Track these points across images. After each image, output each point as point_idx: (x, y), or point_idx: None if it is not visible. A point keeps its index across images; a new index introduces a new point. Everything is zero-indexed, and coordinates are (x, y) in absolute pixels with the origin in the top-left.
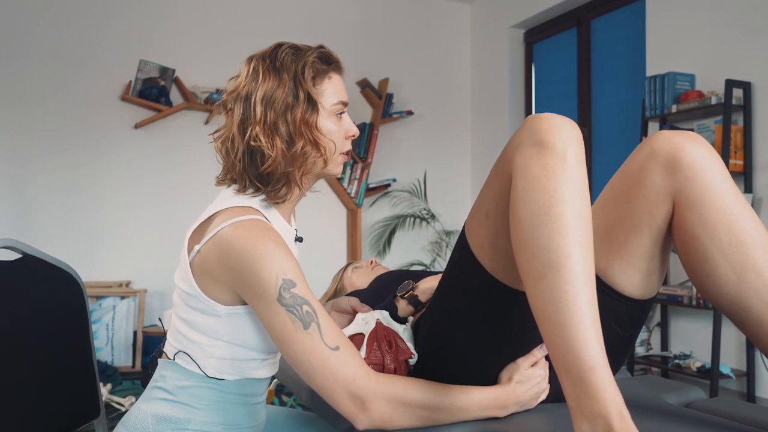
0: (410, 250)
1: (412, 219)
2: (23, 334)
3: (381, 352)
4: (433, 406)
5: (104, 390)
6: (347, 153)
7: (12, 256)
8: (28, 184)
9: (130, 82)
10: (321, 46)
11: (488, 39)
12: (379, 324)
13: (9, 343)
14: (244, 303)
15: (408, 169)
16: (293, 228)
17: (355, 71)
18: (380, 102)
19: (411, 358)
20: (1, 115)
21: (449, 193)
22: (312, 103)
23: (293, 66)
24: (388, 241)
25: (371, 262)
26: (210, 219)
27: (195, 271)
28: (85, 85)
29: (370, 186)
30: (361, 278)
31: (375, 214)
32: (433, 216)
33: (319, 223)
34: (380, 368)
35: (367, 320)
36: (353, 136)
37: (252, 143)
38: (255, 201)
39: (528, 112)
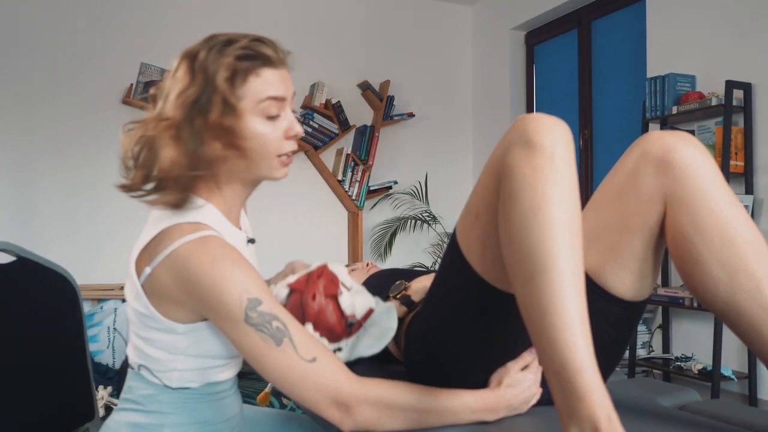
0: (412, 252)
1: (414, 221)
2: (17, 336)
3: (307, 283)
4: (420, 408)
5: (105, 392)
6: (289, 155)
7: (6, 258)
8: (30, 186)
9: (132, 85)
10: (254, 38)
11: (489, 41)
12: (323, 267)
13: (3, 345)
14: (205, 318)
15: (409, 171)
16: (243, 231)
17: (357, 73)
18: (381, 104)
19: (339, 295)
20: (3, 117)
21: (450, 195)
22: (229, 106)
23: (212, 66)
24: (390, 244)
25: (367, 264)
26: (158, 237)
27: (148, 292)
28: (87, 87)
29: (372, 188)
30: (356, 280)
31: (376, 216)
32: (434, 218)
33: (320, 225)
34: (298, 301)
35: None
36: (295, 135)
37: (153, 140)
38: (201, 213)
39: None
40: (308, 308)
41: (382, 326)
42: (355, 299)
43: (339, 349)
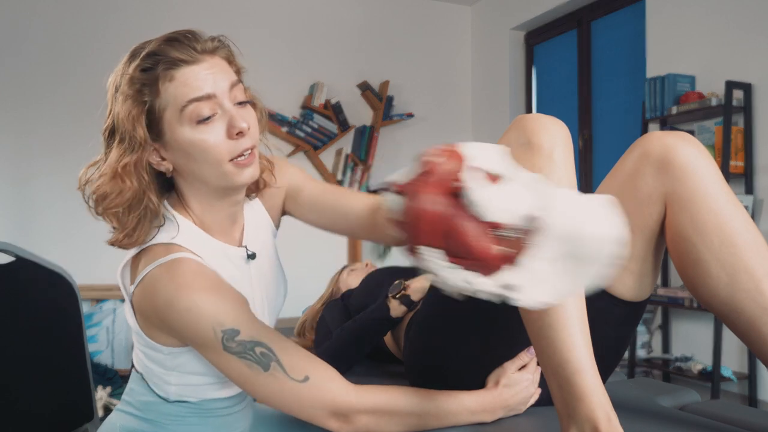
0: None
1: None
2: (16, 337)
3: (412, 181)
4: (419, 412)
5: (104, 393)
6: (245, 154)
7: (6, 259)
8: (29, 186)
9: None
10: (165, 40)
11: (489, 41)
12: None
13: (2, 345)
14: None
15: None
16: (242, 246)
17: (356, 74)
18: (381, 104)
19: (466, 189)
20: (2, 117)
21: None
22: (152, 123)
23: (121, 87)
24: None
25: (366, 264)
26: (138, 256)
27: (136, 310)
28: (86, 86)
29: (371, 189)
30: (356, 279)
31: None
32: None
33: None
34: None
35: None
36: (239, 133)
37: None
38: (174, 231)
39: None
40: (419, 221)
41: (594, 247)
42: (504, 193)
43: (510, 288)
